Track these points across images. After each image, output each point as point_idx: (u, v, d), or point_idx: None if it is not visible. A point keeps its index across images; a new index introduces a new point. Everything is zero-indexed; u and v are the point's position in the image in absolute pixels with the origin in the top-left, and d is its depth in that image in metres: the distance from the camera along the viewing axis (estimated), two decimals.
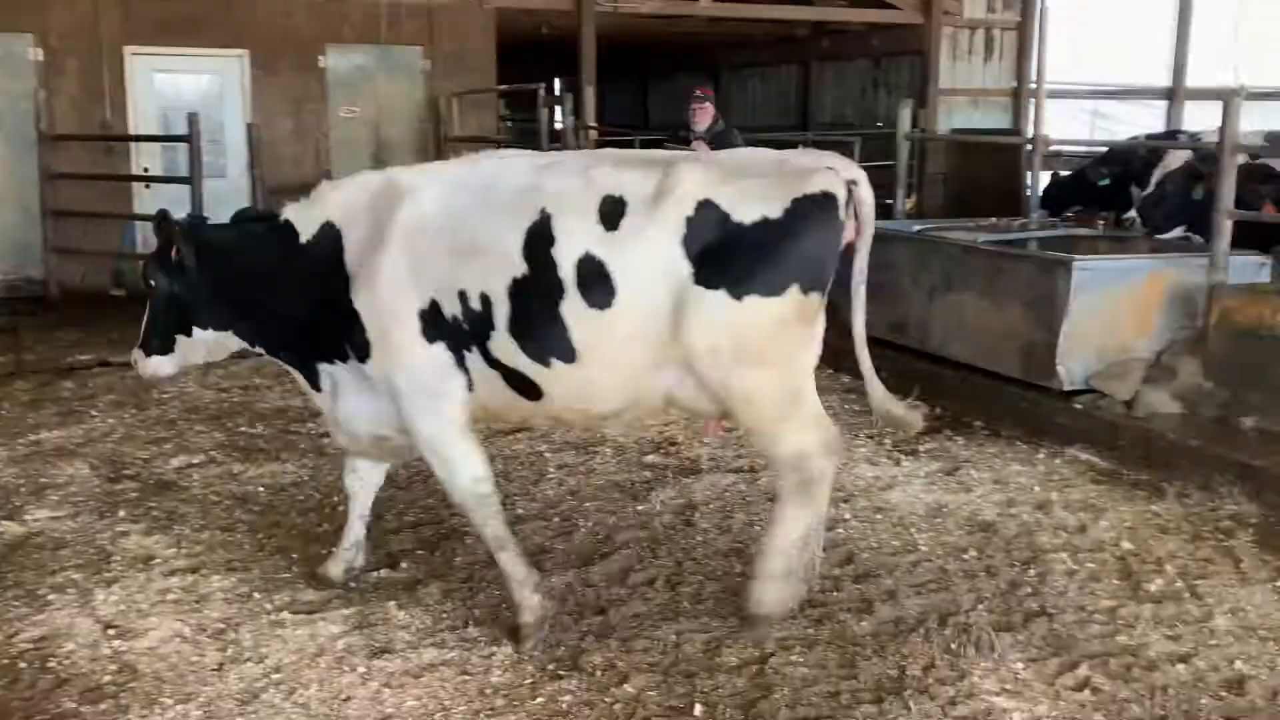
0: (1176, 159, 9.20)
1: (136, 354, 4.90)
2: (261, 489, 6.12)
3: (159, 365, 4.86)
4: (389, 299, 4.35)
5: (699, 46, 20.71)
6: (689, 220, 4.13)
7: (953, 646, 4.37)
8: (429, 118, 13.84)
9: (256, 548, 5.30)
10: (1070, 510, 5.86)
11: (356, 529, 4.99)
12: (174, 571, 4.99)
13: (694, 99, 9.63)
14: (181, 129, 11.15)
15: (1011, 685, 4.13)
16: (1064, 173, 11.27)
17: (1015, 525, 5.65)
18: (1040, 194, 9.94)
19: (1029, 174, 10.72)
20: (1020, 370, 7.29)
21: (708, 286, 4.11)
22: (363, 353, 4.45)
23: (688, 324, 4.12)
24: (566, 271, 4.15)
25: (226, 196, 12.94)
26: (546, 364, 4.25)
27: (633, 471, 6.39)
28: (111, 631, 4.42)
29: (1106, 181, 10.33)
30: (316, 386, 4.73)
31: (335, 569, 4.93)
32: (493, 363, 4.32)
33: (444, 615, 4.60)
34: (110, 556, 5.16)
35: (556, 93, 18.32)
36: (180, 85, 13.10)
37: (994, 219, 9.20)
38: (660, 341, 4.18)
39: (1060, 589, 4.91)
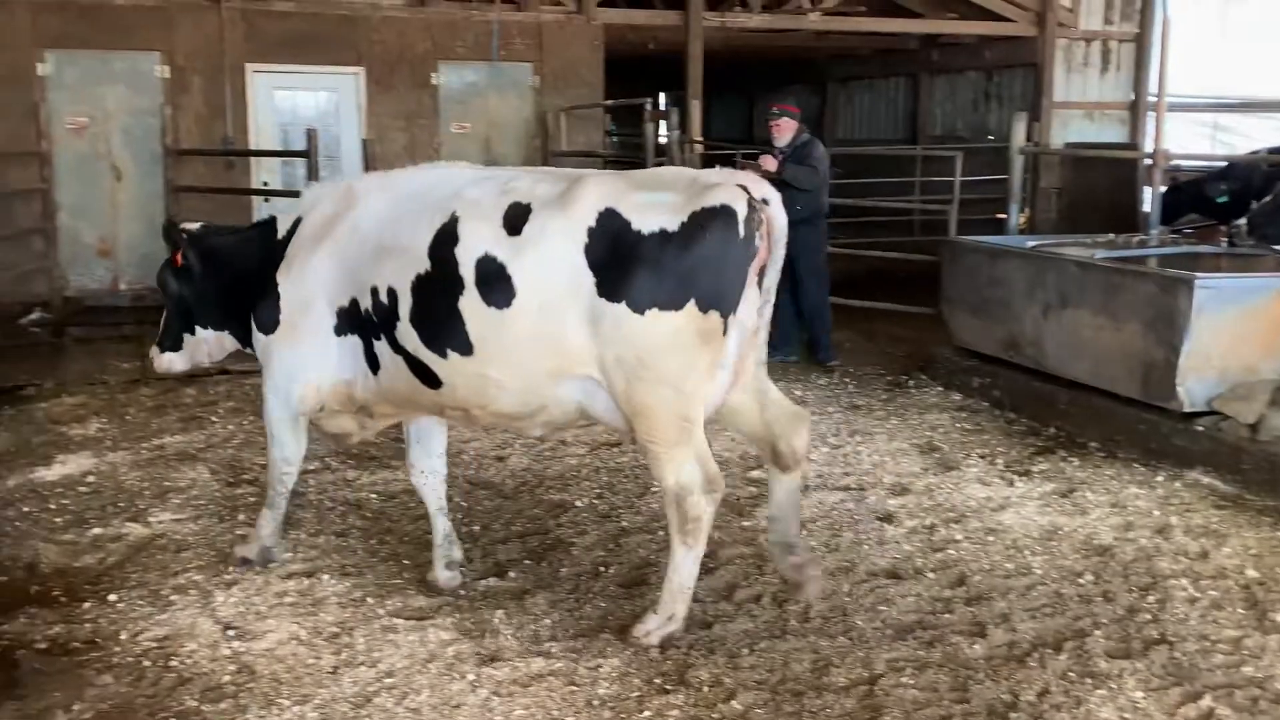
0: None
1: (153, 350, 5.46)
2: (374, 496, 6.24)
3: (171, 361, 5.49)
4: (309, 291, 4.82)
5: (806, 60, 20.61)
6: (590, 230, 4.26)
7: (1068, 673, 4.26)
8: (537, 132, 14.01)
9: (369, 553, 5.41)
10: (1191, 535, 5.67)
11: (439, 523, 5.14)
12: (291, 575, 5.11)
13: (769, 115, 9.64)
14: (299, 144, 11.45)
15: (1130, 714, 4.01)
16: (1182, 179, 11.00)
17: (1133, 550, 5.48)
18: (1158, 209, 9.65)
19: (1147, 189, 10.43)
20: (1139, 391, 7.08)
21: (610, 298, 4.22)
22: (266, 328, 4.96)
23: (595, 335, 4.24)
24: (467, 269, 4.37)
25: None
26: (444, 355, 4.48)
27: (737, 487, 6.37)
28: (231, 632, 4.55)
29: (1225, 199, 10.01)
30: None
31: (439, 570, 5.05)
32: (398, 349, 4.62)
33: (551, 626, 4.63)
34: (230, 559, 5.30)
35: (662, 107, 18.40)
36: (298, 101, 13.47)
37: (1111, 235, 8.97)
38: (566, 349, 4.31)
39: (1181, 616, 4.75)
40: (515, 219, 4.38)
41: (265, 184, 13.08)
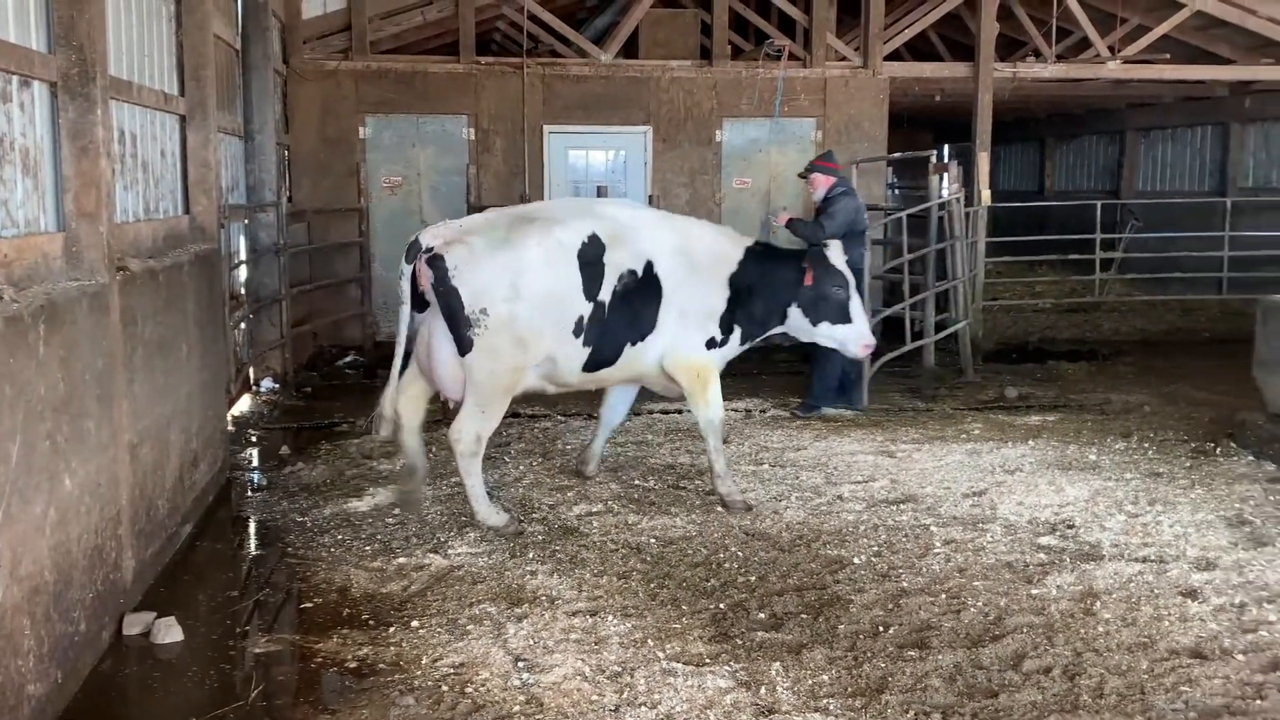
0: None
1: None
2: (653, 540, 6.38)
3: None
4: None
5: (1102, 109, 19.77)
6: None
7: None
8: None
9: (649, 596, 5.53)
10: None
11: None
12: (576, 612, 5.30)
13: (805, 170, 10.04)
14: None
15: None
16: None
17: None
18: None
19: None
20: None
21: None
22: None
23: None
24: None
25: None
26: None
27: (1025, 553, 6.12)
28: (521, 664, 4.75)
29: None
30: None
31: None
32: None
33: (828, 683, 4.58)
34: (520, 593, 5.57)
35: (944, 159, 18.10)
36: (590, 159, 14.12)
37: None
38: None
39: None
40: None
41: None
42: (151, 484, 5.89)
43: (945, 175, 11.95)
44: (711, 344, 6.95)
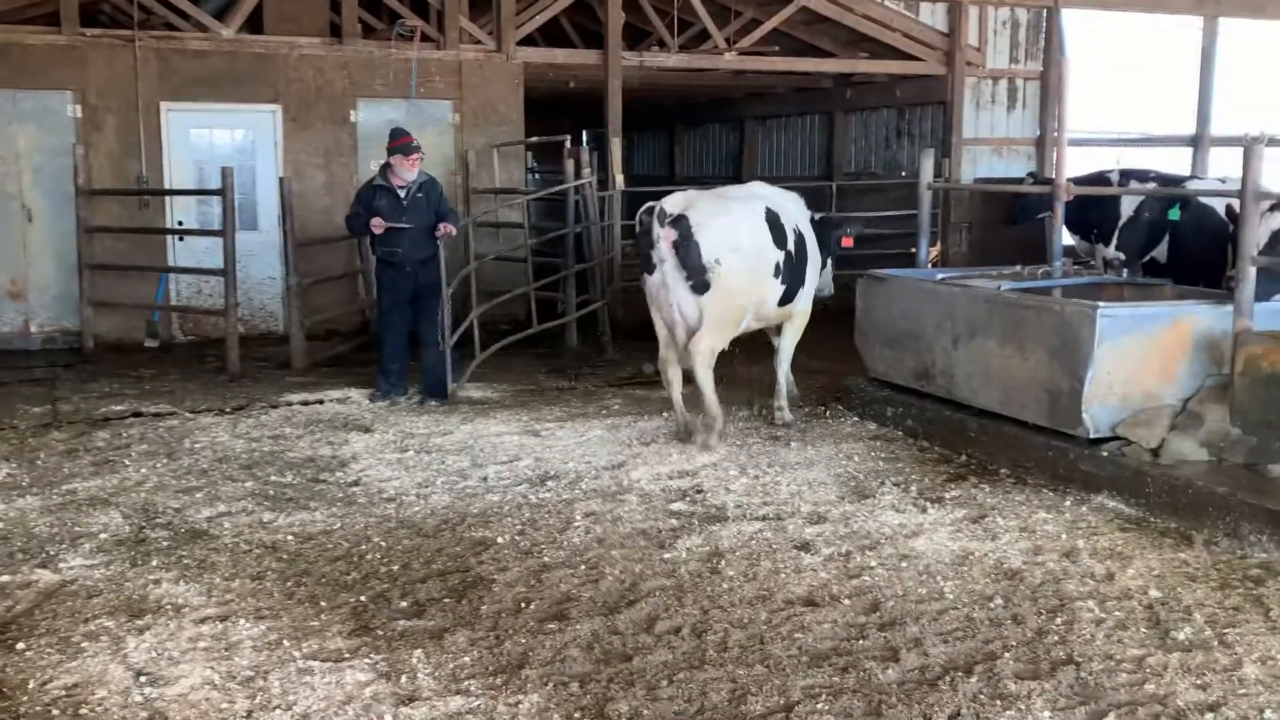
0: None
1: None
2: (290, 538, 6.17)
3: None
4: None
5: (725, 99, 20.92)
6: None
7: (979, 695, 4.36)
8: (458, 169, 14.03)
9: (285, 596, 5.35)
10: (1097, 558, 5.84)
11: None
12: (205, 619, 5.04)
13: (412, 149, 9.49)
14: (215, 183, 11.35)
15: None
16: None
17: (1042, 573, 5.63)
18: (1060, 240, 9.95)
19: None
20: (1046, 418, 7.28)
21: None
22: None
23: None
24: None
25: (259, 249, 13.18)
26: None
27: (659, 519, 6.42)
28: (143, 679, 4.46)
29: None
30: None
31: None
32: None
33: (470, 664, 4.62)
34: (142, 604, 5.22)
35: (584, 144, 18.54)
36: (215, 139, 13.36)
37: (1018, 267, 9.23)
38: None
39: (1087, 637, 4.89)
40: None
41: (180, 223, 12.93)
42: None
43: (578, 160, 12.25)
44: (814, 293, 8.94)
